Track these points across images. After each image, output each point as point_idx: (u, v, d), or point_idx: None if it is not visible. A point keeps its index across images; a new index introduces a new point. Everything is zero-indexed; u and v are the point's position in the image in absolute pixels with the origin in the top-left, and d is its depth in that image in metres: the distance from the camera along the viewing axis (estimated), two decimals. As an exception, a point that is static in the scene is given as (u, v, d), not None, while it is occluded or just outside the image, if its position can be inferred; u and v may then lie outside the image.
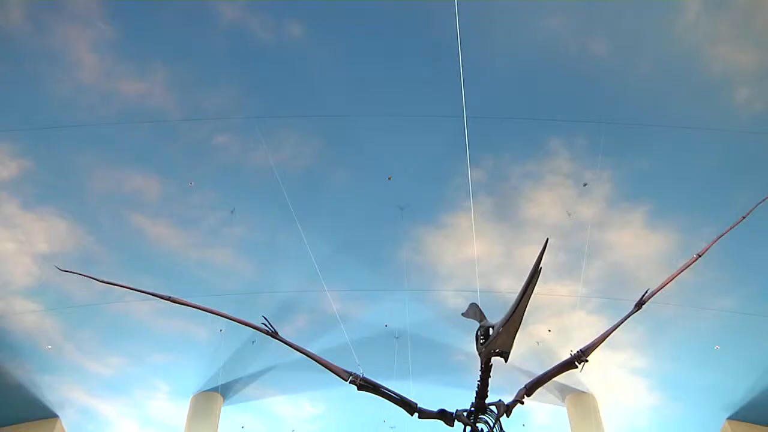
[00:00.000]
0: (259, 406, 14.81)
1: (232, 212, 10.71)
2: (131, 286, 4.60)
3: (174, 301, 4.41)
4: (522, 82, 9.23)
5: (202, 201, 10.54)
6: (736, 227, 4.81)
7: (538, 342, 12.79)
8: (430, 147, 9.91)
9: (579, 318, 12.11)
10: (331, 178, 10.34)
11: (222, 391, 14.10)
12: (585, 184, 10.18)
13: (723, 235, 4.64)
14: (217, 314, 4.58)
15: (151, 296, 4.62)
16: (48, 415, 14.00)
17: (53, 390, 13.58)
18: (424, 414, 4.63)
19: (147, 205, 10.55)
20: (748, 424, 14.03)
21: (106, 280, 4.75)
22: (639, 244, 10.99)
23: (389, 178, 10.30)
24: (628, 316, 4.49)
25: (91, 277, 4.65)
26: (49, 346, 12.59)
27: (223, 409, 14.35)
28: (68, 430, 14.41)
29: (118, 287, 5.03)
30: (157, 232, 10.92)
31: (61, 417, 14.14)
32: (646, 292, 4.43)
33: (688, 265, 4.54)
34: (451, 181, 10.26)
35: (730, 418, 14.08)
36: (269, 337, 4.54)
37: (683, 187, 10.15)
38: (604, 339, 4.53)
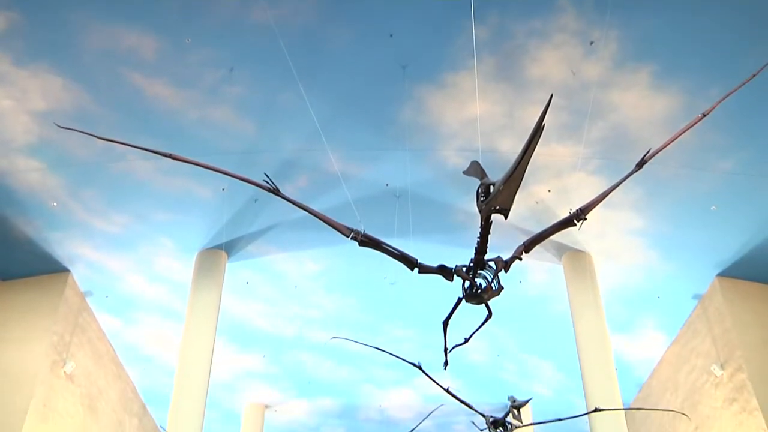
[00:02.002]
0: (262, 263, 15.22)
1: (230, 71, 10.51)
2: (132, 143, 4.57)
3: (175, 158, 4.39)
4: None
5: (199, 59, 10.30)
6: (742, 88, 4.69)
7: (537, 202, 12.94)
8: (433, 2, 9.56)
9: (579, 179, 12.18)
10: (332, 36, 10.06)
11: (226, 248, 14.44)
12: (591, 43, 9.91)
13: (730, 93, 4.55)
14: (218, 171, 4.57)
15: (152, 154, 4.59)
16: (59, 269, 14.44)
17: (62, 246, 13.91)
18: (424, 269, 4.73)
19: (143, 63, 10.32)
20: (736, 279, 14.52)
21: (106, 137, 4.71)
22: (643, 105, 10.86)
23: (390, 36, 10.02)
24: (629, 175, 4.48)
25: (90, 134, 4.60)
26: (55, 203, 12.76)
27: (227, 265, 14.76)
28: (80, 283, 14.91)
29: (119, 145, 4.99)
30: (155, 91, 10.76)
31: (72, 271, 14.59)
32: (648, 151, 4.40)
33: (693, 125, 4.48)
34: (455, 39, 9.98)
35: (719, 275, 14.55)
36: (271, 195, 4.54)
37: (691, 47, 9.87)
38: (604, 198, 4.55)
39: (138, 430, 18.90)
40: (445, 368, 5.77)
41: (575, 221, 4.42)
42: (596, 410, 7.02)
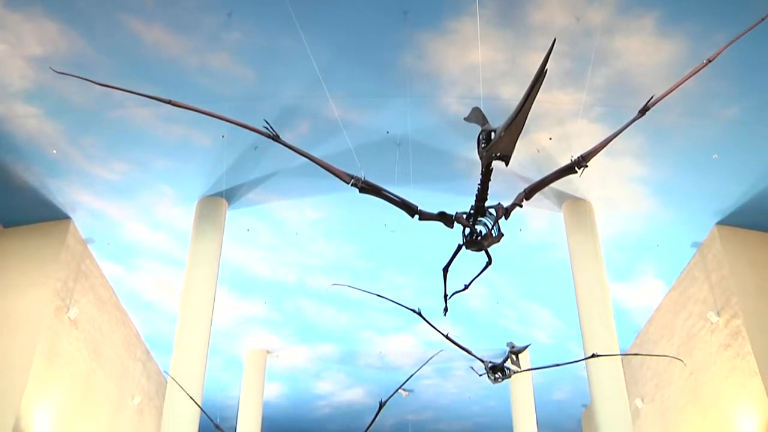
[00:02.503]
0: (262, 211, 15.25)
1: (229, 15, 10.34)
2: (130, 89, 4.52)
3: (175, 105, 4.35)
4: None
5: (197, 2, 10.13)
6: (748, 35, 4.61)
7: (538, 150, 12.89)
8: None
9: (581, 126, 12.10)
10: (331, -21, 9.88)
11: (226, 195, 14.45)
12: (596, -13, 9.74)
13: (736, 39, 4.47)
14: (218, 117, 4.54)
15: (151, 101, 4.54)
16: (60, 216, 14.46)
17: (63, 193, 13.91)
18: (424, 216, 4.73)
19: (140, 8, 10.16)
20: (735, 228, 14.58)
21: (103, 82, 4.66)
22: (648, 51, 10.72)
23: (392, -21, 9.84)
24: (631, 122, 4.44)
25: (89, 80, 4.56)
26: (54, 150, 12.71)
27: (228, 213, 14.79)
28: (81, 230, 14.96)
29: (118, 91, 4.94)
30: (153, 37, 10.61)
31: (73, 218, 14.62)
32: (651, 98, 4.35)
33: (697, 71, 4.42)
34: (457, -18, 9.80)
35: (718, 223, 14.61)
36: (271, 142, 4.51)
37: (699, -10, 9.72)
38: (606, 145, 4.52)
39: (142, 374, 19.23)
40: (444, 314, 5.83)
41: (576, 168, 4.40)
42: (593, 356, 7.11)
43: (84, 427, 15.35)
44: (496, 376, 6.38)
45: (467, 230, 4.81)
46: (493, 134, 4.18)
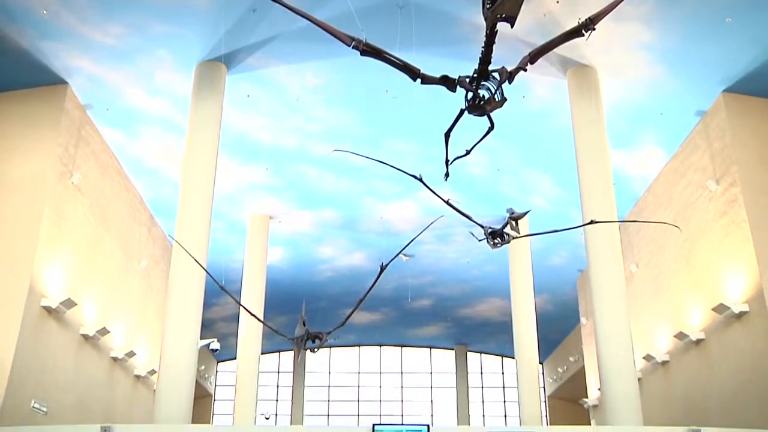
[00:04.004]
0: (262, 76, 15.01)
1: None
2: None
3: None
4: None
5: None
6: None
7: (544, 14, 12.52)
8: None
9: (589, -12, 11.67)
10: None
11: (225, 60, 14.18)
12: None
13: None
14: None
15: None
16: (57, 81, 14.23)
17: (59, 57, 13.63)
18: (427, 79, 4.66)
19: None
20: (741, 95, 14.41)
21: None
22: None
23: None
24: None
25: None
26: (44, 11, 12.33)
27: (227, 78, 14.57)
28: (79, 96, 14.78)
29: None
30: None
31: (70, 84, 14.40)
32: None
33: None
34: None
35: (725, 91, 14.41)
36: (270, 4, 4.38)
37: None
38: (614, 7, 4.39)
39: (147, 239, 19.65)
40: (446, 180, 5.87)
41: (583, 31, 4.30)
42: (592, 222, 7.23)
43: (94, 288, 15.87)
44: (496, 241, 6.49)
45: (470, 94, 4.74)
46: (499, -5, 4.03)
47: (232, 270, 22.73)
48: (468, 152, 5.86)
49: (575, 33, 4.32)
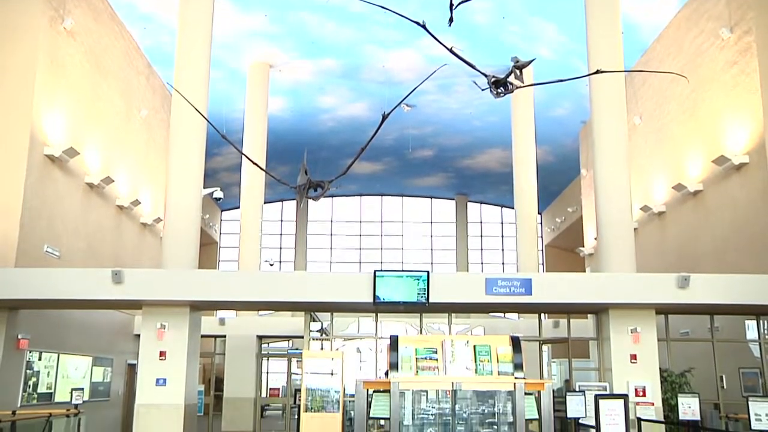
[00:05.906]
0: None
1: None
2: None
3: None
4: None
5: None
6: None
7: None
8: None
9: None
10: None
11: None
12: None
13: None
14: None
15: None
16: None
17: None
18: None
19: None
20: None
21: None
22: None
23: None
24: None
25: None
26: None
27: None
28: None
29: None
30: None
31: None
32: None
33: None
34: None
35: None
36: None
37: None
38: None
39: (146, 88, 19.37)
40: (450, 25, 5.65)
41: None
42: (598, 72, 7.05)
43: (96, 137, 15.85)
44: (499, 90, 6.36)
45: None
46: None
47: (233, 120, 22.58)
48: (473, -4, 5.63)
49: None
